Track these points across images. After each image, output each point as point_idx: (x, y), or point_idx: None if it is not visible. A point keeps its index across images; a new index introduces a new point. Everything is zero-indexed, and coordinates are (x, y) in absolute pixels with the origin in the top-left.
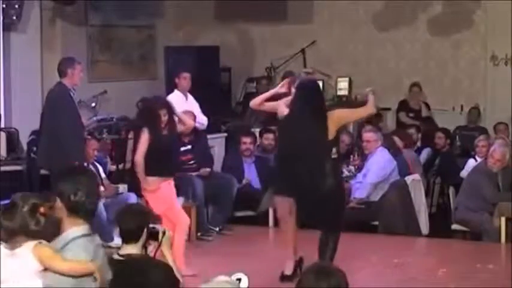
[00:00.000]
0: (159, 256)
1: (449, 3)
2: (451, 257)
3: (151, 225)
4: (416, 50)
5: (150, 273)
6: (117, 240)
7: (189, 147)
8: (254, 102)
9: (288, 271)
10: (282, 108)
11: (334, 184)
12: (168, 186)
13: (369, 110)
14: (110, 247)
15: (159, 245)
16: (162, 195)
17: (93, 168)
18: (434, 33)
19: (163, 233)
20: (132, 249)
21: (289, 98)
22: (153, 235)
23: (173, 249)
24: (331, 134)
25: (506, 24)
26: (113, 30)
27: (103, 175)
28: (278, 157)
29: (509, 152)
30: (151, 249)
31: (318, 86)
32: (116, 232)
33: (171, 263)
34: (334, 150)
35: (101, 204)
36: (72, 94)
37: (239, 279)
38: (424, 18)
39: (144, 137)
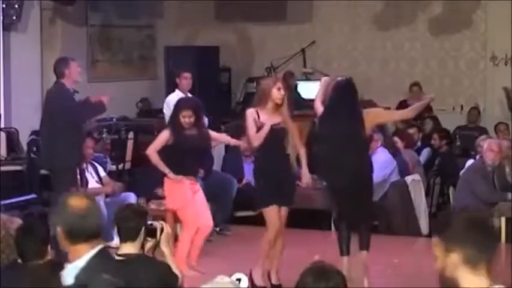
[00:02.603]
0: (158, 253)
1: (449, 3)
2: None
3: (148, 222)
4: (416, 50)
5: (146, 273)
6: (117, 240)
7: None
8: None
9: (275, 280)
10: (318, 105)
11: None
12: (189, 186)
13: (407, 114)
14: (109, 247)
15: (158, 242)
16: (181, 193)
17: (91, 168)
18: (434, 33)
19: (161, 230)
20: (130, 248)
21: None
22: (151, 232)
23: (177, 247)
24: (367, 131)
25: (506, 24)
26: (113, 30)
27: (102, 174)
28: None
29: (505, 147)
30: (149, 246)
31: (354, 85)
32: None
33: (169, 259)
34: None
35: (101, 203)
36: (73, 93)
37: (239, 279)
38: (424, 18)
39: (163, 135)
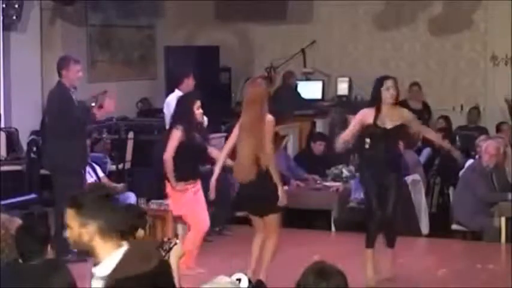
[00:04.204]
0: None
1: (449, 3)
2: (451, 257)
3: (166, 239)
4: (416, 50)
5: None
6: None
7: None
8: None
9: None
10: None
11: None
12: (193, 190)
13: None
14: None
15: (167, 252)
16: (186, 199)
17: (89, 168)
18: (434, 33)
19: (175, 244)
20: None
21: None
22: (167, 246)
23: (184, 244)
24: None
25: (506, 24)
26: (113, 30)
27: (101, 174)
28: None
29: (503, 149)
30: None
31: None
32: None
33: (174, 271)
34: (367, 140)
35: None
36: (72, 91)
37: (239, 279)
38: (424, 18)
39: (176, 135)
